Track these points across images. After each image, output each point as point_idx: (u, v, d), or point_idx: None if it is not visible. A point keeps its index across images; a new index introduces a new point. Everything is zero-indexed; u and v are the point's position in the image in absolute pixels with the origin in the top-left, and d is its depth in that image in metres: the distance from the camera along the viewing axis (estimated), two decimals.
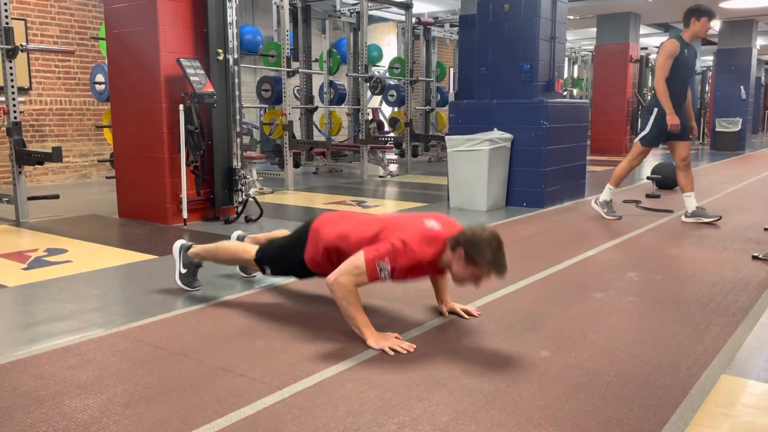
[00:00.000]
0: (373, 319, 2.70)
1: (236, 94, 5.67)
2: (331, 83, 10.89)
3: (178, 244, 3.45)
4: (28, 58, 8.12)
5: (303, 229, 3.03)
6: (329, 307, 3.06)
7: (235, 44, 5.62)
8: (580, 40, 17.73)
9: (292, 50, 9.07)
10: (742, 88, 14.44)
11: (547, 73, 6.41)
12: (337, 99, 10.92)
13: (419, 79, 11.33)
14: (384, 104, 12.36)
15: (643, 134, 5.48)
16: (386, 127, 12.18)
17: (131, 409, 2.08)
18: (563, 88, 9.30)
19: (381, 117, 12.64)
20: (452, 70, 14.29)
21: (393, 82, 11.67)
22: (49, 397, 2.18)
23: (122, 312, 3.14)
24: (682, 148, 5.44)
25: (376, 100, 12.68)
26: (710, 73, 18.29)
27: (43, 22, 8.29)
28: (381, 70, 11.96)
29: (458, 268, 2.60)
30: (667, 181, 7.23)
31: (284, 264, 3.13)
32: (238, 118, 5.74)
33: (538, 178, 6.23)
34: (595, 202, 5.78)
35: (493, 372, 2.38)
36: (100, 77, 7.43)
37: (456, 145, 6.19)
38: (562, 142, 6.46)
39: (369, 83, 9.62)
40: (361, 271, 2.60)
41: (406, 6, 10.05)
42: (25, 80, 8.09)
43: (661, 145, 5.67)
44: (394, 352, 2.54)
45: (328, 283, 2.66)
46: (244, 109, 7.19)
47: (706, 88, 18.51)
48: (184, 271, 3.41)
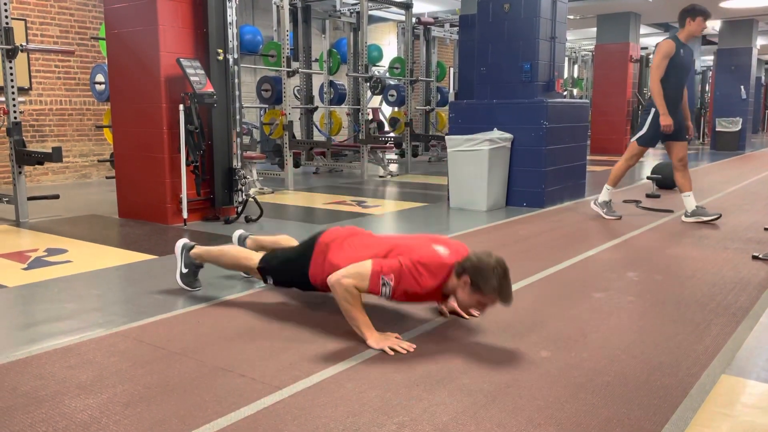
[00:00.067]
0: (373, 319, 2.70)
1: (236, 94, 5.68)
2: (331, 83, 10.90)
3: (181, 243, 3.45)
4: (28, 58, 8.12)
5: (308, 244, 3.02)
6: (329, 308, 3.06)
7: (235, 44, 5.62)
8: (580, 40, 17.74)
9: (292, 50, 9.08)
10: (742, 87, 14.45)
11: (547, 73, 6.41)
12: (337, 99, 10.92)
13: (419, 79, 11.33)
14: (384, 104, 12.36)
15: (640, 134, 5.48)
16: (386, 127, 12.18)
17: (131, 409, 2.09)
18: (563, 88, 9.30)
19: (381, 117, 12.64)
20: (452, 70, 14.30)
21: (393, 82, 11.67)
22: (49, 397, 2.18)
23: (122, 312, 3.14)
24: (679, 148, 5.44)
25: (376, 100, 12.68)
26: (710, 72, 18.29)
27: (43, 22, 8.29)
28: (381, 70, 11.96)
29: (463, 294, 2.62)
30: (668, 181, 7.23)
31: (287, 276, 3.13)
32: (238, 118, 5.75)
33: (538, 178, 6.23)
34: (595, 203, 5.78)
35: (493, 372, 2.38)
36: (100, 77, 7.43)
37: (456, 145, 6.19)
38: (562, 142, 6.46)
39: (369, 83, 9.62)
40: (364, 279, 2.61)
41: (406, 6, 10.05)
42: (25, 80, 8.09)
43: (657, 145, 5.67)
44: (394, 352, 2.54)
45: (330, 282, 2.66)
46: (244, 109, 7.19)
47: (707, 88, 18.51)
48: (185, 271, 3.41)
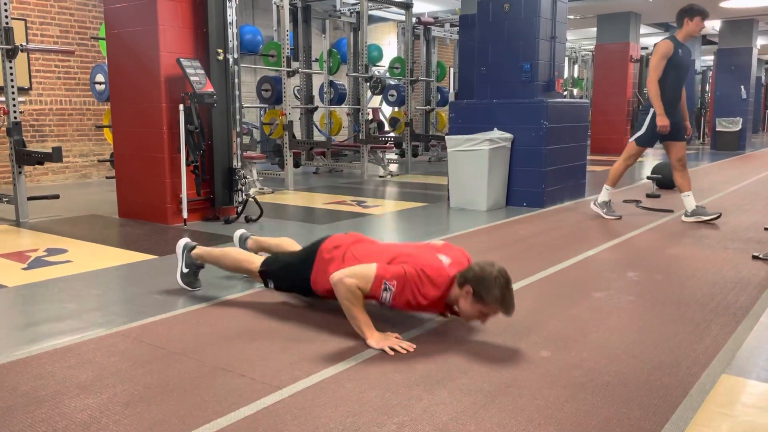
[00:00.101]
0: (373, 319, 2.70)
1: (236, 93, 5.68)
2: (331, 83, 10.90)
3: (182, 243, 3.44)
4: (28, 58, 8.12)
5: (310, 250, 3.02)
6: (329, 308, 3.05)
7: (235, 44, 5.62)
8: (581, 40, 17.74)
9: (292, 50, 9.07)
10: (742, 87, 14.45)
11: (547, 73, 6.41)
12: (337, 99, 10.92)
13: (419, 78, 11.33)
14: (384, 104, 12.36)
15: (639, 134, 5.48)
16: (386, 127, 12.18)
17: (131, 409, 2.08)
18: (563, 87, 9.30)
19: (381, 117, 12.65)
20: (452, 70, 14.30)
21: (393, 82, 11.67)
22: (48, 396, 2.18)
23: (122, 312, 3.14)
24: (678, 148, 5.44)
25: (376, 100, 12.68)
26: (710, 72, 18.28)
27: (43, 22, 8.29)
28: (381, 69, 11.96)
29: (465, 305, 2.62)
30: (668, 180, 7.21)
31: (288, 281, 3.13)
32: (238, 118, 5.75)
33: (538, 178, 6.23)
34: (594, 204, 5.78)
35: (493, 372, 2.38)
36: (100, 77, 7.43)
37: (456, 144, 6.19)
38: (563, 142, 6.46)
39: (369, 83, 9.62)
40: (366, 281, 2.61)
41: (406, 6, 10.04)
42: (25, 80, 8.09)
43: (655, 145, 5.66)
44: (394, 352, 2.54)
45: (333, 279, 2.66)
46: (244, 109, 7.19)
47: (707, 88, 18.51)
48: (186, 270, 3.41)
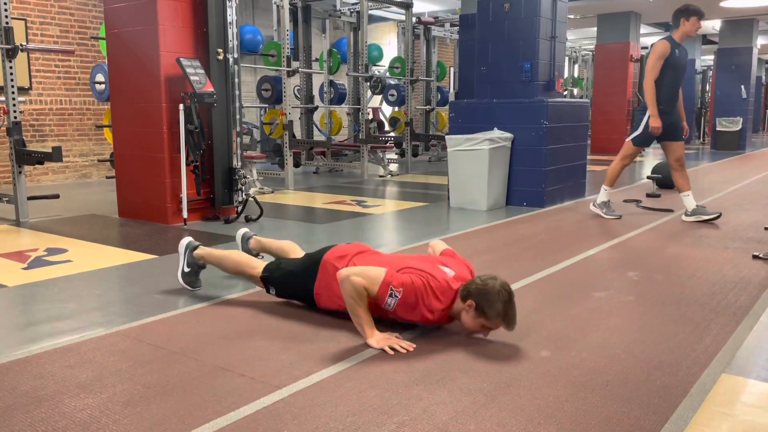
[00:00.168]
0: (373, 319, 2.70)
1: (236, 93, 5.67)
2: (331, 83, 10.89)
3: (185, 242, 3.44)
4: (28, 57, 8.12)
5: (313, 260, 3.02)
6: None
7: (235, 44, 5.62)
8: (581, 40, 17.73)
9: (293, 50, 9.07)
10: (742, 87, 14.45)
11: (547, 73, 6.40)
12: (338, 98, 10.92)
13: (419, 78, 11.33)
14: (384, 104, 12.36)
15: (635, 134, 5.48)
16: (386, 127, 12.19)
17: (131, 409, 2.08)
18: (563, 87, 9.30)
19: (381, 116, 12.65)
20: (452, 70, 14.30)
21: (393, 82, 11.67)
22: (48, 396, 2.18)
23: (122, 311, 3.14)
24: (676, 148, 5.45)
25: (376, 100, 12.68)
26: (711, 72, 18.28)
27: (43, 22, 8.29)
28: (381, 69, 11.96)
29: (468, 318, 2.63)
30: (668, 180, 7.18)
31: (290, 289, 3.13)
32: (238, 118, 5.74)
33: (538, 178, 6.23)
34: (594, 205, 5.78)
35: (493, 371, 2.38)
36: (100, 77, 7.43)
37: (456, 144, 6.19)
38: (563, 142, 6.46)
39: (369, 83, 9.62)
40: (374, 284, 2.60)
41: (407, 5, 10.04)
42: (25, 80, 8.09)
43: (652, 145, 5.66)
44: (394, 352, 2.54)
45: (341, 276, 2.66)
46: (244, 108, 7.19)
47: (707, 88, 18.50)
48: (187, 270, 3.41)
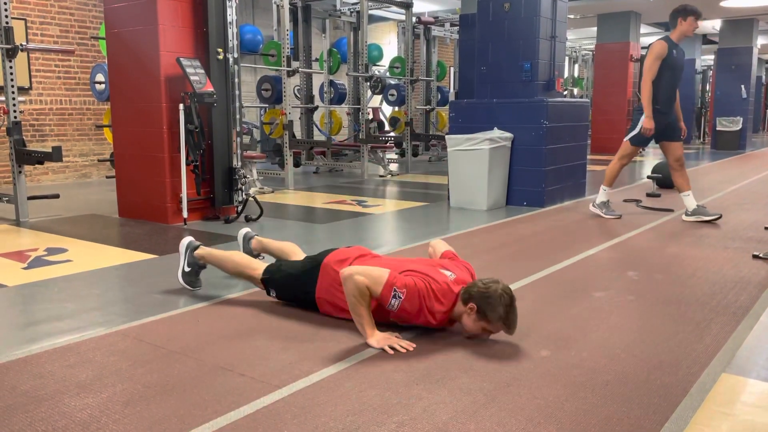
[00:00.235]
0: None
1: (236, 93, 5.67)
2: (331, 83, 10.89)
3: (186, 241, 3.43)
4: (28, 57, 8.12)
5: (314, 263, 3.02)
6: None
7: (235, 43, 5.62)
8: (581, 39, 17.73)
9: (293, 50, 9.07)
10: (742, 87, 14.45)
11: (547, 73, 6.40)
12: (338, 98, 10.92)
13: (419, 78, 11.33)
14: (384, 104, 12.36)
15: (633, 134, 5.47)
16: (386, 127, 12.18)
17: (131, 408, 2.08)
18: (563, 87, 9.30)
19: (381, 116, 12.64)
20: (452, 70, 14.29)
21: (393, 82, 11.67)
22: (48, 396, 2.18)
23: (122, 311, 3.14)
24: (675, 148, 5.44)
25: (376, 100, 12.68)
26: (711, 72, 18.27)
27: (43, 22, 8.29)
28: (381, 69, 11.96)
29: (468, 321, 2.62)
30: (668, 180, 7.18)
31: (290, 292, 3.13)
32: (238, 118, 5.74)
33: (538, 178, 6.23)
34: (593, 205, 5.78)
35: (493, 371, 2.38)
36: (100, 77, 7.43)
37: (456, 144, 6.18)
38: (563, 141, 6.45)
39: (369, 83, 9.61)
40: (377, 284, 2.60)
41: (407, 5, 10.04)
42: (25, 80, 8.09)
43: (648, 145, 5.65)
44: (394, 351, 2.54)
45: (344, 274, 2.66)
46: (244, 108, 7.19)
47: (707, 87, 18.49)
48: (187, 269, 3.41)
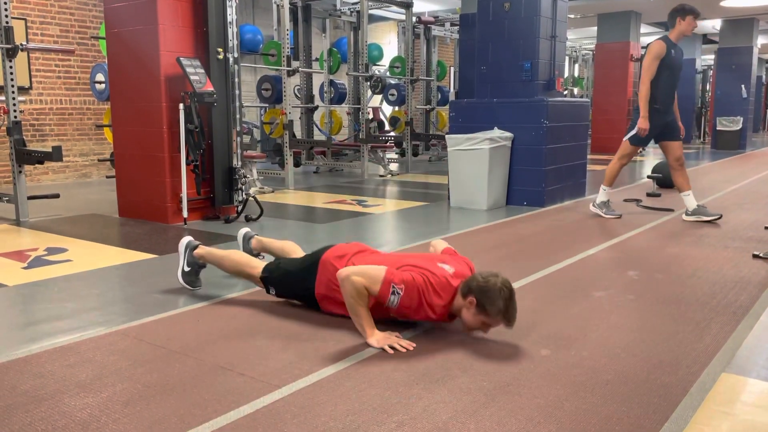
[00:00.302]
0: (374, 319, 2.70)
1: (236, 93, 5.68)
2: (331, 82, 10.89)
3: (185, 241, 3.43)
4: (29, 57, 8.12)
5: (312, 259, 3.02)
6: None
7: (235, 43, 5.62)
8: (581, 39, 17.72)
9: (293, 49, 9.07)
10: (743, 86, 14.44)
11: (547, 72, 6.40)
12: (338, 98, 10.91)
13: (420, 78, 11.33)
14: (384, 103, 12.36)
15: (632, 133, 5.47)
16: (387, 126, 12.18)
17: (131, 408, 2.08)
18: (564, 87, 9.30)
19: (381, 116, 12.64)
20: (453, 69, 14.29)
21: (393, 81, 11.66)
22: (48, 395, 2.18)
23: (122, 311, 3.14)
24: (675, 148, 5.44)
25: (376, 99, 12.68)
26: (711, 71, 18.26)
27: (44, 22, 8.29)
28: (381, 69, 11.96)
29: (468, 315, 2.62)
30: (668, 180, 7.19)
31: (290, 289, 3.13)
32: (238, 117, 5.75)
33: (538, 177, 6.22)
34: (593, 205, 5.78)
35: (493, 370, 2.38)
36: (100, 76, 7.43)
37: (456, 144, 6.18)
38: (563, 141, 6.45)
39: (369, 82, 9.61)
40: (375, 283, 2.60)
41: (407, 5, 10.04)
42: (25, 80, 8.09)
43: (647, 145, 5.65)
44: (394, 351, 2.54)
45: (341, 276, 2.66)
46: (244, 108, 7.19)
47: (707, 87, 18.49)
48: (187, 269, 3.40)
